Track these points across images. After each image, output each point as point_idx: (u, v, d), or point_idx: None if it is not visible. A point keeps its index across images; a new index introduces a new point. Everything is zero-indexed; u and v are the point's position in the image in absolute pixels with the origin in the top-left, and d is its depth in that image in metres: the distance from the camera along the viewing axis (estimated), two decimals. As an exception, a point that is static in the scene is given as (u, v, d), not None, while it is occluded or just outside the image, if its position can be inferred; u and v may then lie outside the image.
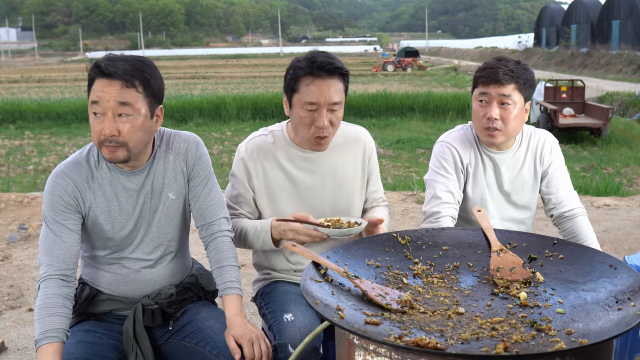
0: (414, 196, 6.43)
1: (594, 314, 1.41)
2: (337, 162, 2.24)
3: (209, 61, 59.92)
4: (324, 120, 2.05)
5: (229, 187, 2.28)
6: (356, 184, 2.27)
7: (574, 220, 2.39)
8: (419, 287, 1.61)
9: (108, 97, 1.83)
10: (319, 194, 2.23)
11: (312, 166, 2.21)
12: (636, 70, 27.02)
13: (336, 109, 2.07)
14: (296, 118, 2.10)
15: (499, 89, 2.23)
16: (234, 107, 17.40)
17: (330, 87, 2.04)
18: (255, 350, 1.85)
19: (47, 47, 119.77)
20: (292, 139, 2.21)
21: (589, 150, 12.63)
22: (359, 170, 2.28)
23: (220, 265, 2.04)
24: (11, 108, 17.88)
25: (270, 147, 2.21)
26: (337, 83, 2.06)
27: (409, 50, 44.06)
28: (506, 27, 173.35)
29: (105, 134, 1.85)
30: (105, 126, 1.84)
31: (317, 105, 2.03)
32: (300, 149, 2.20)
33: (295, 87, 2.06)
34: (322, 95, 2.02)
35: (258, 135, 2.25)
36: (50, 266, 1.88)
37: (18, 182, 8.98)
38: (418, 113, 17.37)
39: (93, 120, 1.87)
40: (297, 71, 2.04)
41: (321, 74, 2.02)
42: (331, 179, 2.23)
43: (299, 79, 2.04)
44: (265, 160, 2.19)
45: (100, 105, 1.84)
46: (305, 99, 2.04)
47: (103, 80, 1.84)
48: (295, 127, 2.14)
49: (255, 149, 2.20)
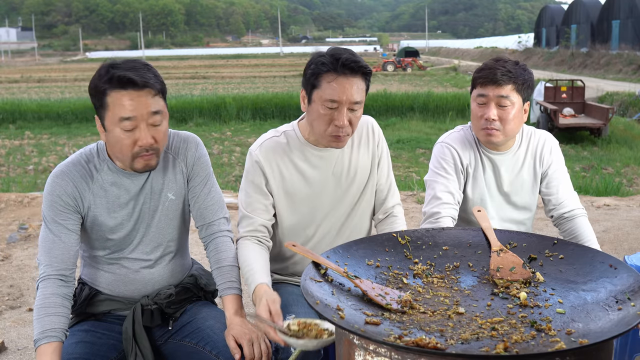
0: (414, 196, 6.43)
1: (594, 314, 1.41)
2: (352, 156, 2.20)
3: (209, 61, 59.91)
4: (344, 119, 2.00)
5: (243, 195, 2.17)
6: (366, 174, 2.23)
7: (574, 221, 2.39)
8: (419, 287, 1.61)
9: (141, 109, 1.81)
10: (333, 192, 2.19)
11: (326, 163, 2.17)
12: (636, 70, 27.02)
13: (357, 108, 2.02)
14: (314, 114, 2.04)
15: (496, 90, 2.23)
16: (234, 107, 17.41)
17: (353, 85, 1.99)
18: (255, 350, 1.85)
19: (47, 47, 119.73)
20: (306, 138, 2.15)
21: (589, 150, 12.63)
22: (368, 159, 2.23)
23: (220, 266, 2.04)
24: (11, 108, 17.89)
25: (284, 147, 2.14)
26: (360, 82, 2.01)
27: (409, 50, 44.05)
28: (506, 27, 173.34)
29: (142, 145, 1.84)
30: (142, 137, 1.83)
31: (338, 103, 1.98)
32: (315, 147, 2.15)
33: (317, 82, 2.00)
34: (344, 93, 1.97)
35: (270, 137, 2.17)
36: (49, 266, 1.88)
37: (18, 182, 8.98)
38: (418, 113, 17.37)
39: (121, 134, 1.82)
40: (320, 67, 1.98)
41: (345, 72, 1.97)
42: (345, 175, 2.20)
43: (321, 74, 1.98)
44: (281, 162, 2.13)
45: (133, 120, 1.81)
46: (326, 96, 1.98)
47: (129, 92, 1.79)
48: (311, 122, 2.07)
49: (271, 151, 2.13)
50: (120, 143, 1.84)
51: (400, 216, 2.30)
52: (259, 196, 2.13)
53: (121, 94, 1.79)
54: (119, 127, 1.82)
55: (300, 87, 2.12)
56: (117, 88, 1.79)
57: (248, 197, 2.15)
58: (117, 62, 1.85)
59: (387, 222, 2.29)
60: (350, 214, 2.24)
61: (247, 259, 2.04)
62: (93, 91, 1.84)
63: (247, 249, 2.07)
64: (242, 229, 2.15)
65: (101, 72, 1.83)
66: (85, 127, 16.17)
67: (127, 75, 1.78)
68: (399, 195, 2.36)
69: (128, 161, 1.89)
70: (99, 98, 1.83)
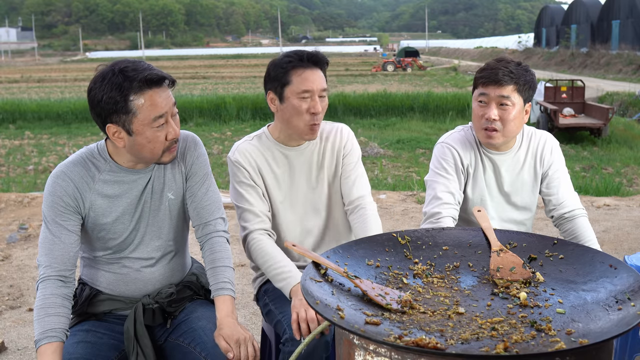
0: (414, 196, 6.42)
1: (594, 314, 1.41)
2: (317, 154, 2.33)
3: (209, 61, 59.91)
4: (318, 105, 2.17)
5: (234, 195, 2.28)
6: (332, 166, 2.35)
7: (574, 222, 2.39)
8: (419, 287, 1.61)
9: (168, 103, 1.87)
10: (304, 190, 2.31)
11: (294, 161, 2.30)
12: (636, 70, 27.01)
13: (324, 95, 2.22)
14: (290, 110, 2.18)
15: (497, 90, 2.23)
16: (234, 107, 17.40)
17: (319, 74, 2.20)
18: (242, 352, 1.85)
19: (47, 47, 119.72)
20: (275, 138, 2.30)
21: (589, 150, 12.62)
22: (333, 160, 2.35)
23: (214, 266, 2.04)
24: (11, 108, 17.87)
25: (258, 147, 2.29)
26: (322, 73, 2.22)
27: (409, 50, 44.05)
28: (506, 27, 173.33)
29: (173, 137, 1.90)
30: (171, 130, 1.89)
31: (311, 92, 2.16)
32: (283, 146, 2.29)
33: (287, 79, 2.17)
34: (314, 82, 2.17)
35: (242, 142, 2.31)
36: (49, 267, 1.88)
37: (18, 182, 8.98)
38: (418, 113, 17.36)
39: (155, 133, 1.86)
40: (287, 65, 2.17)
41: (310, 65, 2.18)
42: (315, 172, 2.32)
43: (290, 71, 2.16)
44: (257, 159, 2.27)
45: (165, 116, 1.86)
46: (300, 87, 2.15)
47: (155, 90, 1.83)
48: (287, 120, 2.20)
49: (246, 151, 2.27)
50: (153, 142, 1.86)
51: (369, 208, 2.30)
52: (249, 188, 2.25)
53: (149, 94, 1.82)
54: (151, 127, 1.84)
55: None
56: (145, 89, 1.81)
57: (239, 194, 2.26)
58: (123, 67, 1.82)
59: (356, 215, 2.30)
60: (328, 205, 2.35)
61: (270, 254, 2.16)
62: (111, 101, 1.80)
63: (265, 243, 2.19)
64: (246, 222, 2.22)
65: (116, 80, 1.79)
66: (85, 127, 16.16)
67: (156, 74, 1.82)
68: (369, 188, 2.39)
69: (156, 158, 1.92)
70: (120, 106, 1.80)
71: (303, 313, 1.95)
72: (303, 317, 1.94)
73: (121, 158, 1.96)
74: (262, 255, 2.16)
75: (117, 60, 1.89)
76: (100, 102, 1.81)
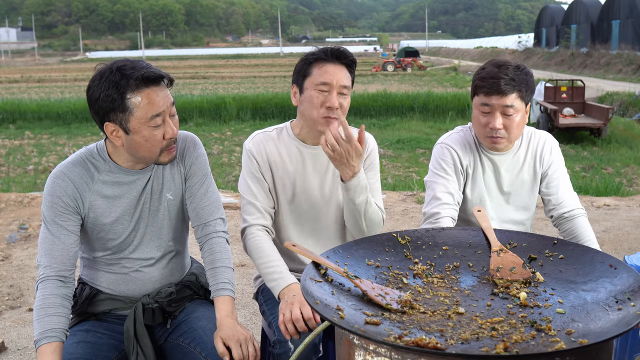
0: (414, 196, 6.42)
1: (594, 314, 1.41)
2: None
3: (209, 61, 59.91)
4: (335, 100, 2.13)
5: (242, 184, 2.28)
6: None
7: (574, 221, 2.39)
8: (419, 287, 1.61)
9: (166, 102, 1.86)
10: (313, 191, 2.26)
11: (308, 160, 2.25)
12: (636, 70, 27.02)
13: (346, 92, 2.17)
14: (307, 102, 2.16)
15: (501, 100, 2.21)
16: (234, 107, 17.41)
17: (342, 71, 2.16)
18: (243, 351, 1.85)
19: (47, 47, 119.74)
20: (296, 135, 2.26)
21: (589, 150, 12.62)
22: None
23: (214, 266, 2.03)
24: (11, 108, 17.87)
25: (274, 140, 2.26)
26: (346, 71, 2.18)
27: (409, 50, 44.06)
28: (506, 27, 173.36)
29: (170, 137, 1.89)
30: (168, 129, 1.88)
31: (329, 86, 2.13)
32: (302, 143, 2.26)
33: (308, 71, 2.16)
34: (334, 76, 2.13)
35: (262, 131, 2.31)
36: (48, 267, 1.88)
37: (18, 182, 8.98)
38: (418, 113, 17.36)
39: (152, 132, 1.85)
40: (310, 57, 2.17)
41: (333, 59, 2.16)
42: (330, 176, 2.26)
43: (312, 63, 2.16)
44: (270, 152, 2.25)
45: (162, 114, 1.85)
46: (318, 79, 2.13)
47: (152, 88, 1.82)
48: (304, 112, 2.18)
49: (261, 142, 2.26)
50: (150, 141, 1.86)
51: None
52: (256, 181, 2.24)
53: (146, 92, 1.81)
54: (148, 126, 1.83)
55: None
56: (142, 87, 1.80)
57: (246, 185, 2.25)
58: (120, 65, 1.82)
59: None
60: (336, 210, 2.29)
61: (266, 252, 2.14)
62: (108, 99, 1.79)
63: (262, 240, 2.17)
64: (248, 215, 2.22)
65: (113, 78, 1.79)
66: (85, 127, 16.17)
67: (153, 72, 1.81)
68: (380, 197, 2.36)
69: (154, 158, 1.91)
70: (118, 104, 1.80)
71: (288, 314, 1.92)
72: (288, 317, 1.92)
73: (120, 158, 1.95)
74: (257, 252, 2.15)
75: (116, 59, 1.89)
76: (98, 100, 1.81)
